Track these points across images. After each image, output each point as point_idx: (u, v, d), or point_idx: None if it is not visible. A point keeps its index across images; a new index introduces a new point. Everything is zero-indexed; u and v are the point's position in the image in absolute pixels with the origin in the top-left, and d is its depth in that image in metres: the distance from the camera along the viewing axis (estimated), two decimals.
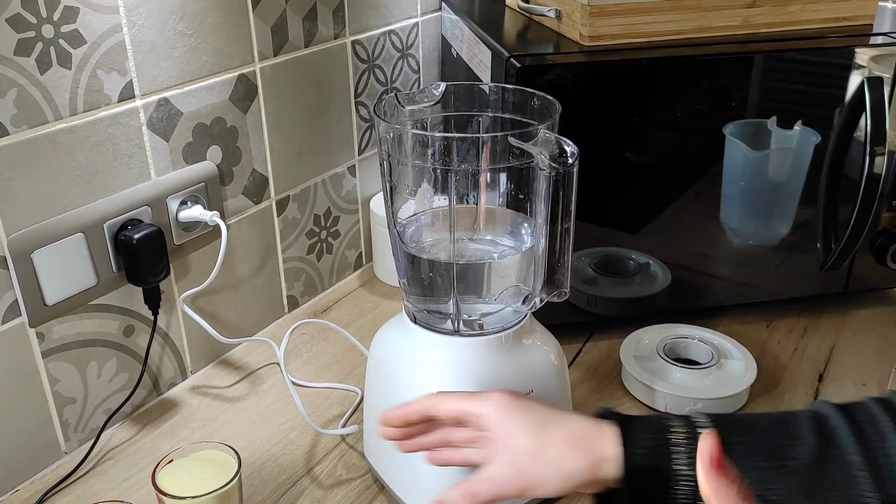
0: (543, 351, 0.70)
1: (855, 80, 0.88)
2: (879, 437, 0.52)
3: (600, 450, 0.54)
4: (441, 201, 0.68)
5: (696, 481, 0.49)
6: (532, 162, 0.63)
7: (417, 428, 0.61)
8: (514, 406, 0.56)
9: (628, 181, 0.92)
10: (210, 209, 0.86)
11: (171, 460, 0.66)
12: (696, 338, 0.90)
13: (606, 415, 0.56)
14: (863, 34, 0.90)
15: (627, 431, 0.54)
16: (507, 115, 0.70)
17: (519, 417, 0.56)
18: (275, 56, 0.91)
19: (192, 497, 0.62)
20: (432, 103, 0.71)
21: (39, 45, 0.68)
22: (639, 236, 0.94)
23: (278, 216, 0.98)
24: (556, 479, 0.54)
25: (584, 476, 0.54)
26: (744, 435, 0.53)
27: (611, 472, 0.53)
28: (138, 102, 0.77)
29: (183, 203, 0.83)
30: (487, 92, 0.71)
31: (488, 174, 0.68)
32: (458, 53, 1.09)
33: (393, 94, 0.69)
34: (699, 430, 0.53)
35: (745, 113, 0.89)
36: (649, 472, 0.53)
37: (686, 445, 0.53)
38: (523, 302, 0.66)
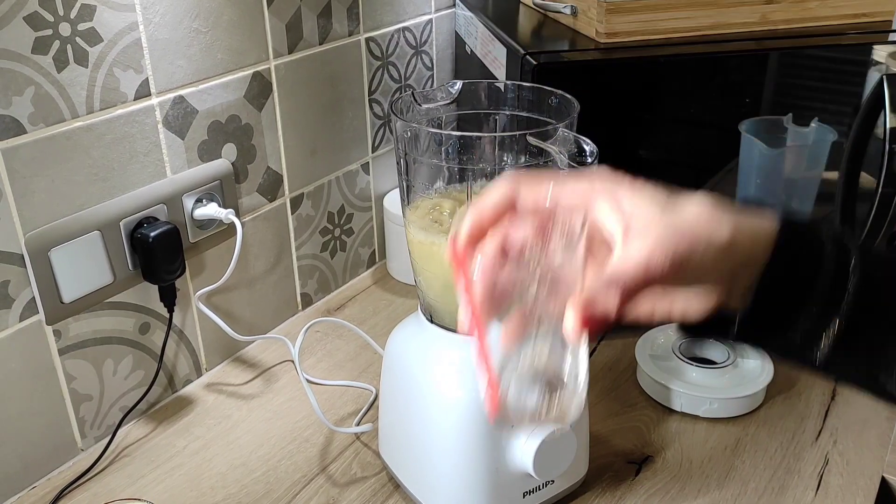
0: None
1: (873, 77, 0.87)
2: None
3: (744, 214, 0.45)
4: None
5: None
6: (550, 160, 0.63)
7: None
8: (622, 182, 0.44)
9: (643, 178, 0.91)
10: (225, 207, 0.86)
11: None
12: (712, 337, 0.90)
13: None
14: (882, 31, 0.89)
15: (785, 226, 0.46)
16: (523, 114, 0.70)
17: (638, 191, 0.44)
18: (289, 53, 0.91)
19: None
20: (449, 101, 0.70)
21: (56, 43, 0.68)
22: None
23: (292, 214, 0.98)
24: (704, 238, 0.42)
25: (732, 233, 0.43)
26: None
27: (760, 230, 0.44)
28: (154, 100, 0.77)
29: (198, 201, 0.84)
30: (504, 90, 0.71)
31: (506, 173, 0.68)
32: (472, 50, 1.08)
33: (409, 93, 0.69)
34: None
35: (761, 110, 0.88)
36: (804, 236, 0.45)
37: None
38: None
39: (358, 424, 0.83)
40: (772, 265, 0.45)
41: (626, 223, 0.43)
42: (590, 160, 0.57)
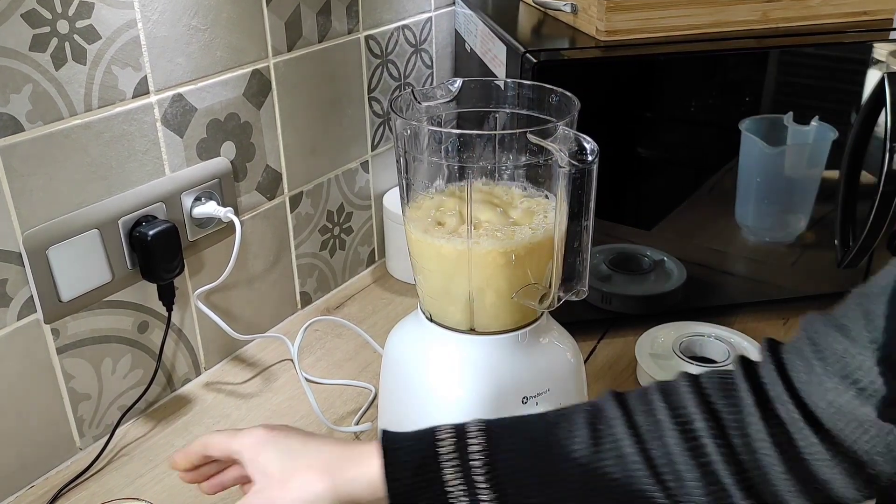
0: (560, 349, 0.70)
1: (874, 76, 0.87)
2: (654, 427, 0.50)
3: (347, 470, 0.52)
4: None
5: (468, 490, 0.49)
6: (550, 159, 0.63)
7: (213, 467, 0.61)
8: (269, 439, 0.55)
9: (643, 177, 0.91)
10: (224, 205, 0.85)
11: None
12: (712, 336, 0.89)
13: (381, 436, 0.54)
14: (883, 29, 0.89)
15: (390, 445, 0.52)
16: (523, 112, 0.70)
17: (272, 449, 0.55)
18: (289, 51, 0.90)
19: None
20: (448, 99, 0.70)
21: (54, 41, 0.68)
22: (653, 233, 0.94)
23: (291, 212, 0.97)
24: None
25: (330, 499, 0.52)
26: (514, 442, 0.51)
27: (361, 491, 0.51)
28: (153, 98, 0.77)
29: (197, 199, 0.83)
30: (504, 88, 0.71)
31: (505, 171, 0.68)
32: (471, 48, 1.08)
33: (409, 91, 0.69)
34: (469, 439, 0.51)
35: (761, 108, 0.88)
36: (417, 484, 0.50)
37: (455, 453, 0.51)
38: (540, 300, 0.65)
39: (357, 423, 0.83)
40: None
41: (253, 480, 0.55)
42: (590, 158, 0.57)
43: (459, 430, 0.52)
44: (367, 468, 0.51)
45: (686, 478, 0.49)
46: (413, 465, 0.50)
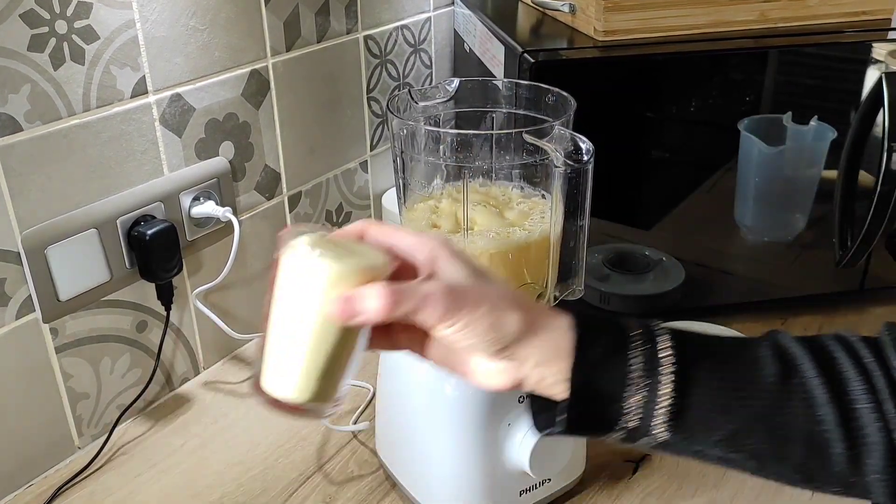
0: None
1: (872, 76, 0.87)
2: (839, 376, 0.48)
3: (540, 320, 0.47)
4: None
5: (648, 392, 0.46)
6: (546, 159, 0.63)
7: None
8: (451, 247, 0.48)
9: (642, 177, 0.91)
10: (222, 205, 0.86)
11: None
12: None
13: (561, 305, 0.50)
14: (881, 28, 0.89)
15: (584, 320, 0.48)
16: (520, 112, 0.70)
17: (457, 258, 0.48)
18: (287, 51, 0.91)
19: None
20: (446, 99, 0.70)
21: (53, 41, 0.68)
22: (652, 233, 0.94)
23: (290, 212, 0.98)
24: (487, 307, 0.45)
25: (519, 326, 0.46)
26: (708, 353, 0.48)
27: (542, 344, 0.47)
28: (151, 98, 0.77)
29: (195, 199, 0.83)
30: (501, 88, 0.71)
31: (502, 171, 0.68)
32: (470, 48, 1.08)
33: (406, 90, 0.69)
34: (657, 337, 0.48)
35: (760, 108, 0.88)
36: (603, 364, 0.47)
37: (643, 353, 0.47)
38: (536, 300, 0.65)
39: (355, 423, 0.83)
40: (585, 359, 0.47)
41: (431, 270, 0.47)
42: (585, 158, 0.57)
43: (646, 328, 0.49)
44: (558, 329, 0.47)
45: (870, 438, 0.46)
46: (603, 345, 0.47)
